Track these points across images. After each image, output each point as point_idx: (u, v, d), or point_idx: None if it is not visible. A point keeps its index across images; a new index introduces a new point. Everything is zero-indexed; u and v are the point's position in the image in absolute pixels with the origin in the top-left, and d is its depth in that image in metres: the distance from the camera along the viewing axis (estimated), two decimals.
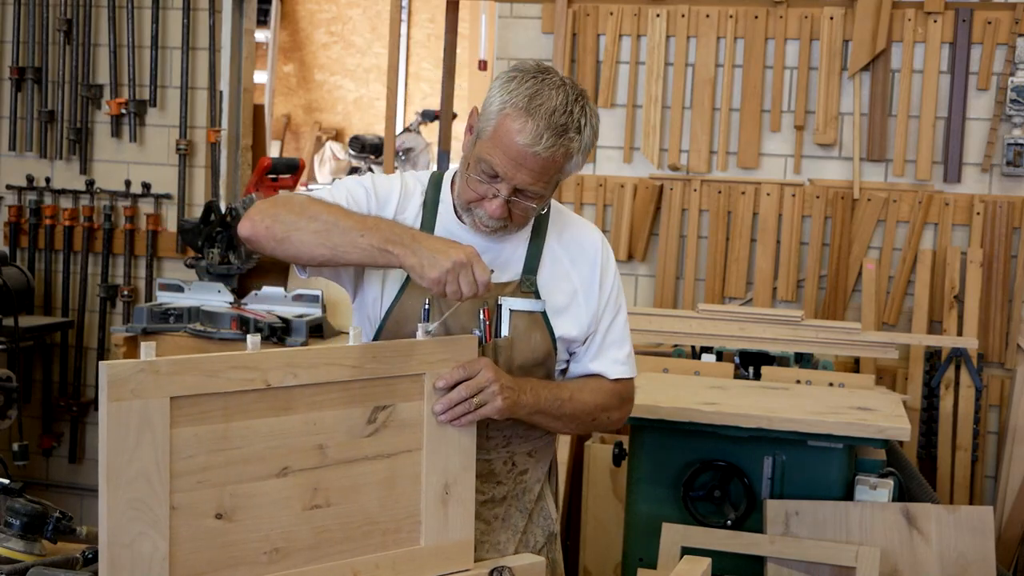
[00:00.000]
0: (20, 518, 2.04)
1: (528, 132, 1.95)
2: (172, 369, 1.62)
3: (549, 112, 1.96)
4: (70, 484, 4.88)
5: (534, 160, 1.97)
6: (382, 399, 1.85)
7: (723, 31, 4.19)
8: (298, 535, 1.77)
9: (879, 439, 3.08)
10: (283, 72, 8.14)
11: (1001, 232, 3.99)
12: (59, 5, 4.77)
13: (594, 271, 2.20)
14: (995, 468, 4.02)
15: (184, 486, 1.65)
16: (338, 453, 1.80)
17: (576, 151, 2.00)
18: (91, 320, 4.83)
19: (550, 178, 2.02)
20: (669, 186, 4.24)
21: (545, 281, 2.17)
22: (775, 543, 3.03)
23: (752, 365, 3.70)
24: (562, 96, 1.98)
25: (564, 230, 2.22)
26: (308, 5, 8.14)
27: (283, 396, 1.73)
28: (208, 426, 1.66)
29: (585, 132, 2.01)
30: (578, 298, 2.19)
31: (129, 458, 1.59)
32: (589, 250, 2.22)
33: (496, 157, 1.99)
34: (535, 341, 2.14)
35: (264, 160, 4.36)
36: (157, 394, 1.61)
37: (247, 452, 1.71)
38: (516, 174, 1.99)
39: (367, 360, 1.82)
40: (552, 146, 1.96)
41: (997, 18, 3.97)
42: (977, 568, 3.03)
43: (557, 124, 1.96)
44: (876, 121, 4.09)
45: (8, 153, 4.89)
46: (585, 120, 2.01)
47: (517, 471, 2.23)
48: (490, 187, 2.02)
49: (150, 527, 1.62)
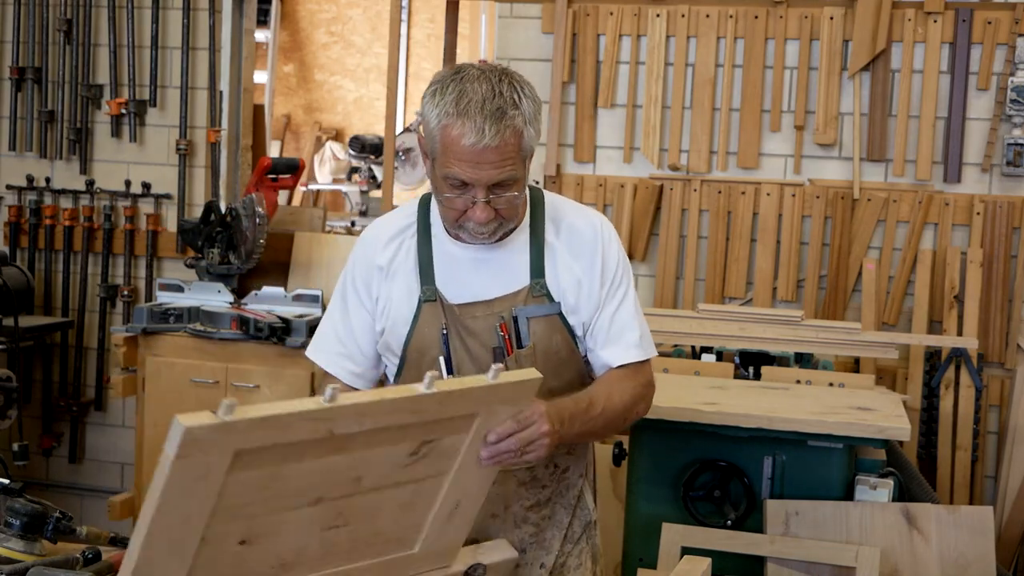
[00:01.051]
0: (20, 518, 2.04)
1: (471, 132, 1.95)
2: (247, 427, 1.46)
3: (479, 104, 1.96)
4: (70, 484, 4.88)
5: (489, 153, 1.97)
6: (431, 434, 1.73)
7: (723, 31, 4.19)
8: (308, 551, 1.70)
9: (879, 439, 3.08)
10: (283, 72, 8.14)
11: (1001, 232, 3.99)
12: (59, 5, 4.77)
13: (594, 257, 2.19)
14: (995, 468, 4.02)
15: (220, 521, 1.53)
16: (372, 482, 1.69)
17: (523, 124, 1.99)
18: (91, 320, 4.83)
19: (514, 161, 2.01)
20: (669, 186, 4.24)
21: (553, 280, 2.16)
22: (775, 543, 3.03)
23: (752, 365, 3.70)
24: (485, 84, 1.98)
25: (560, 223, 2.20)
26: (308, 5, 8.14)
27: (341, 440, 1.59)
28: (261, 471, 1.54)
29: (523, 105, 2.00)
30: (583, 289, 2.18)
31: (176, 506, 1.47)
32: (587, 237, 2.20)
33: (456, 167, 1.99)
34: (556, 343, 2.15)
35: (264, 160, 4.36)
36: (224, 450, 1.47)
37: (290, 487, 1.59)
38: (480, 174, 1.98)
39: (435, 405, 1.68)
40: (498, 132, 1.95)
41: (997, 18, 3.97)
42: (977, 568, 3.03)
43: (492, 110, 1.96)
44: (876, 121, 4.09)
45: (8, 153, 4.89)
46: (517, 95, 2.00)
47: (559, 472, 2.26)
48: (466, 197, 2.02)
49: (176, 559, 1.52)
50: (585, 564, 2.34)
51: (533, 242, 2.17)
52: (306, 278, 4.40)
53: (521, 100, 2.00)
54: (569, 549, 2.31)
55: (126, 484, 4.77)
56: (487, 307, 2.15)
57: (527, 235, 2.17)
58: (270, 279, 4.33)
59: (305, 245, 4.46)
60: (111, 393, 4.42)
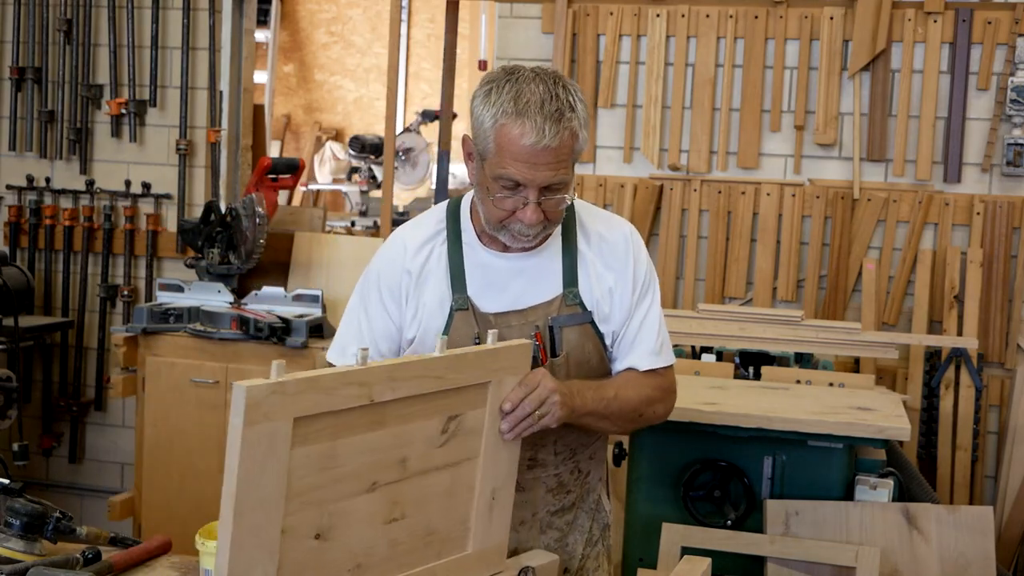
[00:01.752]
0: (20, 518, 2.04)
1: (531, 132, 1.96)
2: (297, 388, 1.56)
3: (539, 104, 1.97)
4: (70, 484, 4.88)
5: (547, 154, 1.97)
6: (454, 408, 1.85)
7: (723, 31, 4.19)
8: (377, 549, 1.76)
9: (879, 439, 3.08)
10: (283, 72, 8.14)
11: (1001, 232, 3.99)
12: (59, 5, 4.77)
13: (626, 266, 2.19)
14: (995, 468, 4.02)
15: (293, 508, 1.60)
16: (416, 465, 1.80)
17: (579, 128, 2.01)
18: (91, 320, 4.83)
19: (567, 164, 2.02)
20: (669, 186, 4.24)
21: (585, 289, 2.17)
22: (775, 543, 3.04)
23: (752, 365, 3.70)
24: (542, 85, 1.99)
25: (591, 232, 2.21)
26: (308, 5, 8.14)
27: (379, 411, 1.72)
28: (318, 445, 1.62)
29: (578, 108, 2.02)
30: (615, 298, 2.18)
31: (255, 485, 1.53)
32: (619, 247, 2.21)
33: (511, 168, 1.99)
34: (588, 352, 2.15)
35: (264, 160, 4.36)
36: (284, 416, 1.55)
37: (346, 470, 1.68)
38: (536, 174, 1.99)
39: (449, 371, 1.82)
40: (557, 133, 1.96)
41: (997, 18, 3.97)
42: (977, 568, 3.03)
43: (552, 112, 1.97)
44: (876, 121, 4.09)
45: (8, 153, 4.89)
46: (573, 97, 2.02)
47: (583, 476, 2.28)
48: (517, 198, 2.02)
49: (263, 553, 1.56)
50: (603, 566, 2.36)
51: (566, 250, 2.17)
52: (306, 278, 4.40)
53: (576, 103, 2.01)
54: (589, 552, 2.32)
55: (126, 484, 4.77)
56: (521, 316, 2.15)
57: (559, 243, 2.17)
58: (270, 279, 4.33)
59: (305, 245, 4.46)
60: (111, 393, 4.42)
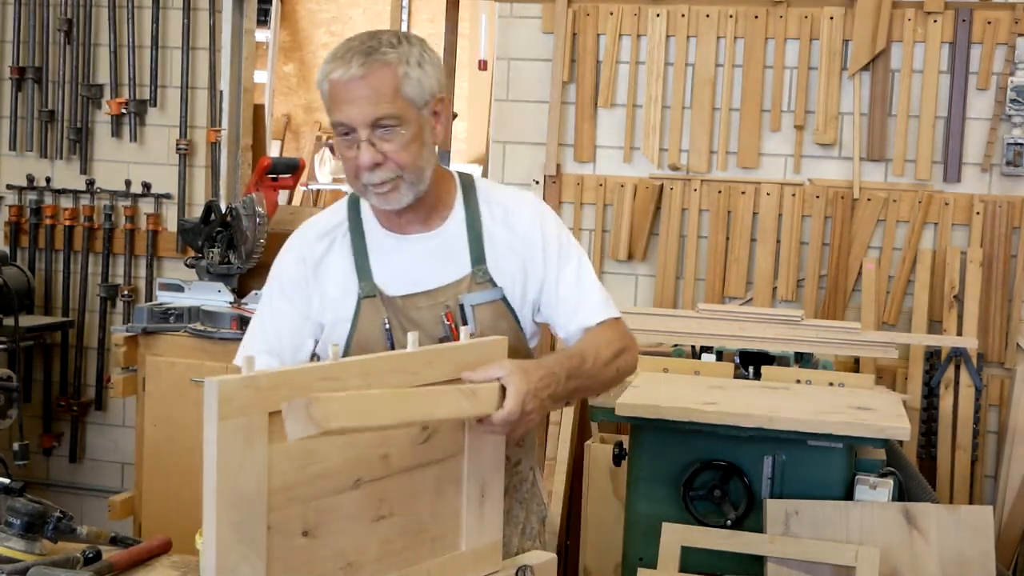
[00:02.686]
0: (20, 517, 2.04)
1: (338, 67, 1.98)
2: (270, 383, 1.59)
3: (351, 43, 2.00)
4: (70, 484, 4.89)
5: (359, 86, 1.97)
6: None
7: (723, 31, 4.19)
8: (367, 547, 1.77)
9: (879, 439, 3.08)
10: (283, 72, 8.14)
11: (1001, 232, 3.99)
12: (59, 5, 4.77)
13: (532, 238, 2.16)
14: (995, 468, 4.02)
15: (278, 504, 1.62)
16: (399, 461, 1.81)
17: (398, 62, 1.98)
18: (91, 320, 4.83)
19: (391, 99, 1.98)
20: (669, 186, 4.24)
21: (495, 266, 2.14)
22: (775, 543, 3.03)
23: (752, 365, 3.70)
24: (367, 34, 2.02)
25: (495, 208, 2.18)
26: (308, 5, 8.14)
27: None
28: (297, 442, 1.63)
29: (403, 46, 2.00)
30: (528, 270, 2.16)
31: (235, 480, 1.56)
32: (524, 217, 2.18)
33: (335, 112, 2.00)
34: (502, 330, 2.11)
35: (264, 160, 4.36)
36: (259, 410, 1.58)
37: (328, 466, 1.69)
38: (355, 110, 1.98)
39: (423, 366, 1.82)
40: (363, 63, 1.96)
41: (997, 18, 3.97)
42: (977, 568, 3.03)
43: (363, 48, 1.98)
44: (876, 121, 4.09)
45: (8, 153, 4.90)
46: (399, 38, 2.01)
47: (511, 465, 2.22)
48: (351, 143, 2.01)
49: (251, 550, 1.58)
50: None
51: (471, 228, 2.15)
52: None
53: (401, 43, 2.00)
54: (526, 545, 2.28)
55: (126, 484, 4.77)
56: (429, 297, 2.12)
57: (462, 221, 2.15)
58: None
59: None
60: (111, 393, 4.42)
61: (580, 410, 4.10)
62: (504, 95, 4.41)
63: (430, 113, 2.05)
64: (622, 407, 3.12)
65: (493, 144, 4.48)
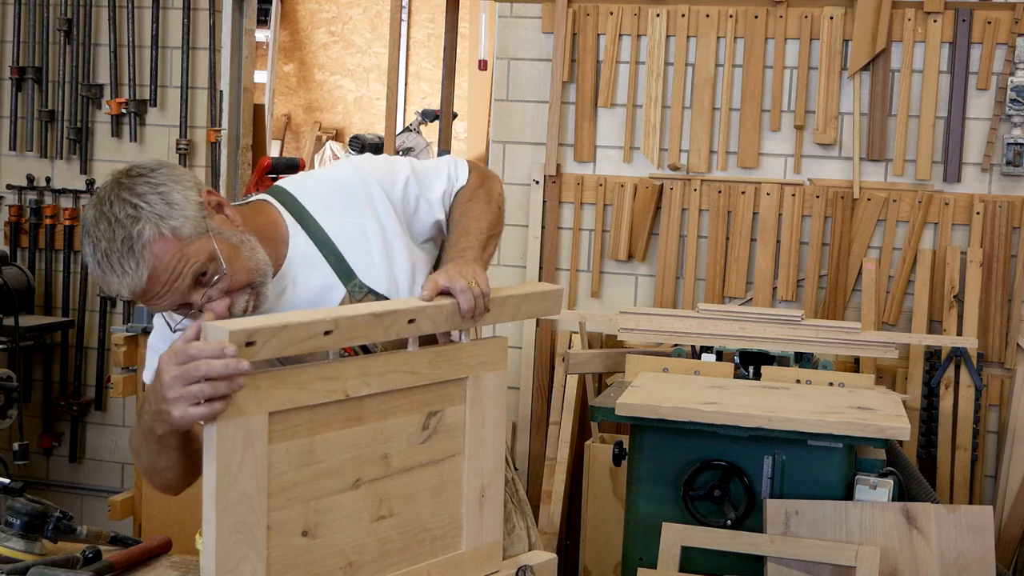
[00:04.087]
0: (21, 517, 2.05)
1: (116, 279, 1.80)
2: (269, 383, 1.61)
3: (101, 245, 1.79)
4: (70, 484, 4.89)
5: (152, 282, 1.80)
6: (434, 404, 1.87)
7: (723, 31, 4.19)
8: (367, 547, 1.78)
9: (879, 439, 3.08)
10: (283, 72, 8.14)
11: (1001, 232, 3.99)
12: (59, 5, 4.78)
13: (371, 193, 2.03)
14: (995, 468, 4.02)
15: (277, 504, 1.64)
16: (399, 461, 1.81)
17: (157, 226, 1.79)
18: (91, 320, 4.84)
19: (185, 259, 1.81)
20: (669, 186, 4.24)
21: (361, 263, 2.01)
22: (775, 543, 3.04)
23: (752, 365, 3.70)
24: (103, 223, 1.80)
25: (318, 199, 2.03)
26: (308, 5, 8.15)
27: (357, 406, 1.74)
28: (297, 440, 1.66)
29: (143, 211, 1.80)
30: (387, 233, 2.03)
31: (234, 479, 1.57)
32: (352, 185, 2.04)
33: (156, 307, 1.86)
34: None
35: (264, 160, 4.36)
36: (257, 410, 1.59)
37: (328, 465, 1.71)
38: (173, 297, 1.83)
39: (425, 365, 1.83)
40: (137, 261, 1.78)
41: (997, 18, 3.97)
42: (977, 568, 3.03)
43: (118, 245, 1.78)
44: (876, 121, 4.09)
45: (8, 153, 4.90)
46: (132, 204, 1.80)
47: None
48: (196, 313, 1.85)
49: (251, 550, 1.60)
50: (519, 524, 2.29)
51: (318, 245, 2.00)
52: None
53: (137, 204, 1.79)
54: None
55: (126, 484, 4.77)
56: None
57: (306, 245, 1.99)
58: None
59: None
60: (111, 393, 4.42)
61: (580, 410, 4.11)
62: (504, 95, 4.41)
63: (211, 217, 1.87)
64: (622, 407, 3.12)
65: (493, 144, 4.49)
